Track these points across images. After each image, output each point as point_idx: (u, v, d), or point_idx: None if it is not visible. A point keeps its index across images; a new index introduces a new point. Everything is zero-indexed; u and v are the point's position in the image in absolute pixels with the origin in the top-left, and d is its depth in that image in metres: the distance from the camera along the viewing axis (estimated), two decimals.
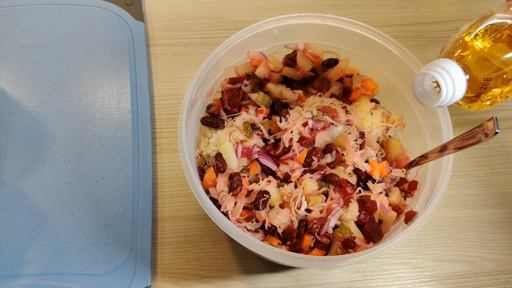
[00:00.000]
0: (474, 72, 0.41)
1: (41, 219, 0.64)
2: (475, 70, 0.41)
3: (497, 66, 0.41)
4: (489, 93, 0.43)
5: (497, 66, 0.41)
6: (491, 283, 0.64)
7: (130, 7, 0.82)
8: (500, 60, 0.41)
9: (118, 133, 0.71)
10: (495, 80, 0.42)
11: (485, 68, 0.41)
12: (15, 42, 0.77)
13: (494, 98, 0.43)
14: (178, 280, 0.63)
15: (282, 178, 0.58)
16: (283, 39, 0.64)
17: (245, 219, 0.56)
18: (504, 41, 0.41)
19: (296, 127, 0.58)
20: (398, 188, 0.60)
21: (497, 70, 0.41)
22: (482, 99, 0.43)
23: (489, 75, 0.41)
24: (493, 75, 0.41)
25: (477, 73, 0.41)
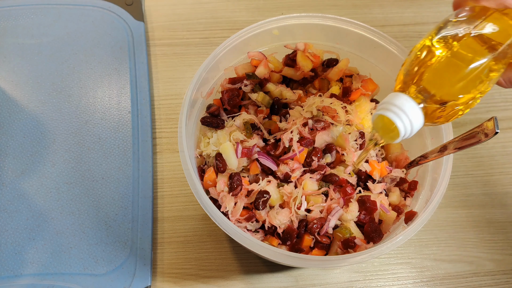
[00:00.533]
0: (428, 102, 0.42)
1: (41, 219, 0.64)
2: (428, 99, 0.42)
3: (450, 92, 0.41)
4: (451, 112, 0.43)
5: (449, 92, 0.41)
6: (491, 283, 0.64)
7: (130, 7, 0.82)
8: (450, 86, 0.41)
9: (118, 133, 0.71)
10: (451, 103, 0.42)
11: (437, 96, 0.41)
12: (15, 42, 0.77)
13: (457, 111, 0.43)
14: (178, 280, 0.63)
15: (282, 178, 0.58)
16: (283, 39, 0.64)
17: (245, 219, 0.56)
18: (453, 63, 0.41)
19: (296, 127, 0.58)
20: (398, 188, 0.60)
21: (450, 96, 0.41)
22: (446, 117, 0.43)
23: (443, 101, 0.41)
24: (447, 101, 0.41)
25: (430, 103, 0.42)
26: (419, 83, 0.41)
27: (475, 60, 0.41)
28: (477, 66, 0.40)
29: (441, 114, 0.42)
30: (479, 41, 0.41)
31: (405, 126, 0.41)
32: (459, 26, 0.42)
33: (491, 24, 0.42)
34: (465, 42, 0.41)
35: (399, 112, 0.41)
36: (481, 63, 0.40)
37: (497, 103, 0.78)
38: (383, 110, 0.42)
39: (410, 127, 0.42)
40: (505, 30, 0.42)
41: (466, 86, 0.41)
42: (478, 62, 0.40)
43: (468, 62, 0.41)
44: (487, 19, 0.42)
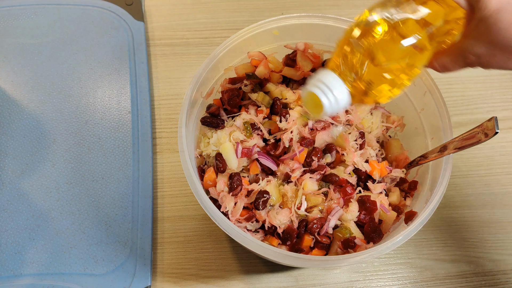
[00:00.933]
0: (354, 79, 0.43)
1: (41, 219, 0.64)
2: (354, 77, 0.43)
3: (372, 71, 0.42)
4: (378, 92, 0.44)
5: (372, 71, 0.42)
6: (491, 283, 0.64)
7: (130, 7, 0.82)
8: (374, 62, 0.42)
9: (118, 133, 0.71)
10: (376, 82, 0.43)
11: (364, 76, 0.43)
12: (15, 42, 0.77)
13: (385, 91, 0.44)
14: (178, 280, 0.63)
15: (282, 178, 0.58)
16: (283, 39, 0.64)
17: (245, 219, 0.56)
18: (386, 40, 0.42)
19: (296, 127, 0.58)
20: (398, 188, 0.60)
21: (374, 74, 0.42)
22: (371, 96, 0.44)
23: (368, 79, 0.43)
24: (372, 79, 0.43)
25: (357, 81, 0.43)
26: (348, 61, 0.43)
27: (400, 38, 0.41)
28: (402, 45, 0.41)
29: (368, 93, 0.44)
30: (409, 22, 0.42)
31: (330, 103, 0.43)
32: (393, 6, 0.43)
33: (424, 7, 0.43)
34: (395, 23, 0.42)
35: (326, 89, 0.43)
36: (406, 42, 0.41)
37: (497, 103, 0.78)
38: (311, 86, 0.44)
39: (335, 104, 0.43)
40: (434, 14, 0.43)
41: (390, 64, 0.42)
42: (403, 41, 0.41)
43: (394, 41, 0.41)
44: (419, 2, 0.43)
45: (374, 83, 0.43)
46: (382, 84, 0.43)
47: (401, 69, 0.42)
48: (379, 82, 0.43)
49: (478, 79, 0.80)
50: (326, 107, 0.43)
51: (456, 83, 0.80)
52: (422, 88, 0.59)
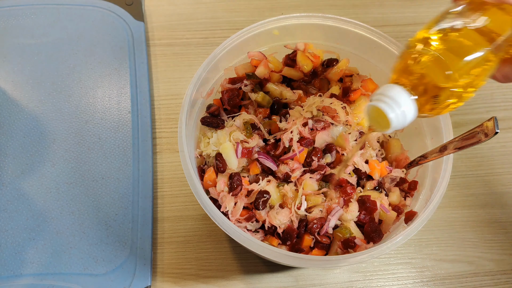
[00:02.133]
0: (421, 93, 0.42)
1: (41, 219, 0.64)
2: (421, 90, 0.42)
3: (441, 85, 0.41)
4: (443, 105, 0.43)
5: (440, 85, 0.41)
6: (491, 283, 0.64)
7: (130, 7, 0.82)
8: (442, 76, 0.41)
9: (118, 133, 0.71)
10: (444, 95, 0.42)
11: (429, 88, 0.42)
12: (15, 42, 0.77)
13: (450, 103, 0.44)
14: (178, 280, 0.63)
15: (282, 178, 0.58)
16: (283, 39, 0.64)
17: (245, 219, 0.56)
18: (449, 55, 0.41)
19: (296, 127, 0.58)
20: (398, 188, 0.60)
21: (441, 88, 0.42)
22: (438, 109, 0.44)
23: (435, 92, 0.42)
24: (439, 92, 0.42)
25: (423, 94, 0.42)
26: (414, 75, 0.42)
27: (470, 51, 0.41)
28: (471, 57, 0.41)
29: (434, 106, 0.43)
30: (475, 34, 0.42)
31: (397, 117, 0.42)
32: (457, 19, 0.42)
33: (488, 18, 0.42)
34: (461, 35, 0.41)
35: (392, 104, 0.42)
36: (475, 55, 0.41)
37: (497, 103, 0.78)
38: (376, 101, 0.43)
39: (402, 118, 0.42)
40: (501, 24, 0.42)
41: (459, 78, 0.41)
42: (473, 54, 0.41)
43: (464, 53, 0.41)
44: (484, 13, 0.42)
45: (441, 97, 0.42)
46: (448, 97, 0.42)
47: (467, 82, 0.41)
48: (445, 96, 0.42)
49: None
50: (393, 122, 0.42)
51: None
52: None
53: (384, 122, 0.42)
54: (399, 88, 0.42)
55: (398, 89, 0.42)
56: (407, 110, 0.42)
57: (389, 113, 0.42)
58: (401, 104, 0.41)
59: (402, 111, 0.42)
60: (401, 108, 0.41)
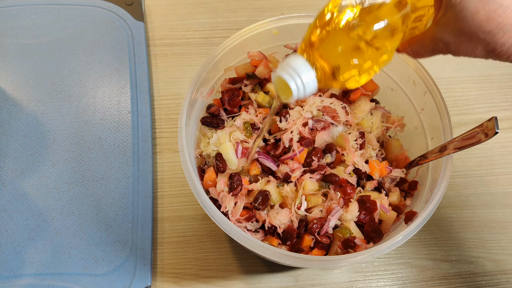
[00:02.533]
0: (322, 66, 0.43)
1: (41, 219, 0.64)
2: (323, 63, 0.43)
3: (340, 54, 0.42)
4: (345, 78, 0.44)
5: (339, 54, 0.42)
6: (491, 283, 0.64)
7: (130, 7, 0.82)
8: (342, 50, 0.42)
9: (118, 133, 0.71)
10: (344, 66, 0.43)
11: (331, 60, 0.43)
12: (15, 42, 0.77)
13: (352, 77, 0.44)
14: (178, 280, 0.63)
15: (282, 178, 0.58)
16: (283, 39, 0.64)
17: (245, 219, 0.56)
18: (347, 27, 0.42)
19: (296, 127, 0.58)
20: (398, 188, 0.60)
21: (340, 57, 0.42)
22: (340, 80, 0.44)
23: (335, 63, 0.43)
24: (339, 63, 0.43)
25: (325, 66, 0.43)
26: (317, 47, 0.43)
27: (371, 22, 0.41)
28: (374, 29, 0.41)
29: (336, 78, 0.43)
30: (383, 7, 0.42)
31: (298, 87, 0.43)
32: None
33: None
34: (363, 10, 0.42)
35: (293, 73, 0.43)
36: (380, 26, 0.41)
37: (497, 103, 0.78)
38: (280, 70, 0.44)
39: (303, 88, 0.43)
40: None
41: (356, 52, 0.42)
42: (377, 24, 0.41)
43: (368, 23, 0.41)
44: None
45: (342, 68, 0.42)
46: (349, 69, 0.43)
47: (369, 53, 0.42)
48: (346, 67, 0.42)
49: (478, 79, 0.80)
50: (294, 91, 0.44)
51: (456, 83, 0.80)
52: (422, 88, 0.59)
53: (287, 91, 0.44)
54: (301, 59, 0.43)
55: (300, 60, 0.43)
56: (307, 81, 0.43)
57: (290, 83, 0.43)
58: (301, 74, 0.43)
59: (302, 81, 0.43)
60: (302, 78, 0.43)
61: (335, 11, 0.42)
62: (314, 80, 0.43)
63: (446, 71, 0.81)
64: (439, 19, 0.42)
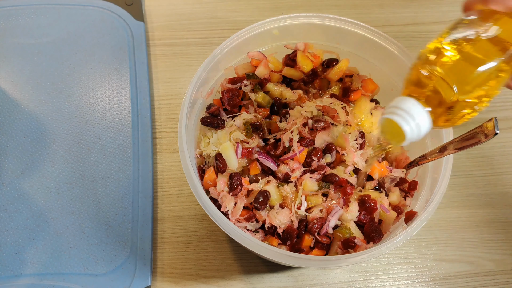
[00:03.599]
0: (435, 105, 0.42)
1: (41, 219, 0.64)
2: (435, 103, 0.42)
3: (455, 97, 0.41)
4: (458, 115, 0.43)
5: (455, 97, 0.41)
6: (491, 283, 0.64)
7: (130, 7, 0.82)
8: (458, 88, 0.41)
9: (118, 133, 0.71)
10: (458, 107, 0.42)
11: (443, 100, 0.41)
12: (15, 42, 0.77)
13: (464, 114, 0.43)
14: (178, 280, 0.63)
15: (282, 178, 0.58)
16: (283, 39, 0.64)
17: (245, 219, 0.56)
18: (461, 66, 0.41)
19: (296, 127, 0.58)
20: (398, 188, 0.60)
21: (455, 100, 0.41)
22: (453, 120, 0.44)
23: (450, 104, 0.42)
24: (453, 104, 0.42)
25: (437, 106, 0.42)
26: (427, 87, 0.41)
27: (483, 62, 0.41)
28: (485, 68, 0.41)
29: (448, 118, 0.42)
30: (488, 43, 0.41)
31: (412, 130, 0.42)
32: (469, 28, 0.42)
33: (500, 27, 0.42)
34: (475, 44, 0.41)
35: (406, 116, 0.41)
36: (489, 65, 0.41)
37: (497, 103, 0.78)
38: (390, 114, 0.42)
39: (417, 131, 0.42)
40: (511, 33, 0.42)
41: (473, 88, 0.41)
42: (486, 64, 0.41)
43: (477, 64, 0.41)
44: (496, 22, 0.42)
45: (455, 108, 0.41)
46: (462, 109, 0.42)
47: (480, 93, 0.41)
48: (459, 108, 0.41)
49: None
50: (408, 135, 0.42)
51: None
52: None
53: (399, 135, 0.42)
54: (413, 101, 0.41)
55: (412, 102, 0.41)
56: (421, 122, 0.41)
57: (404, 125, 0.41)
58: (415, 116, 0.41)
59: (416, 123, 0.41)
60: (415, 120, 0.41)
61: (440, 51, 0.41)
62: (428, 121, 0.42)
63: None
64: None
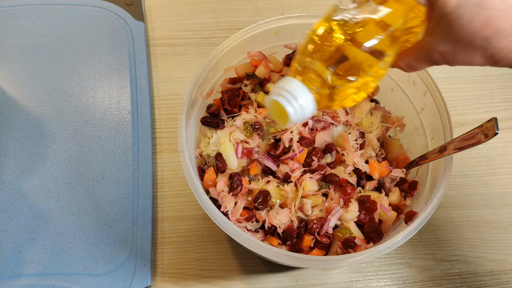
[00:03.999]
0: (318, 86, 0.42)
1: (41, 219, 0.64)
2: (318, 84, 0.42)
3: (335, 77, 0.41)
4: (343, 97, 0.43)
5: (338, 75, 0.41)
6: (491, 283, 0.64)
7: (130, 7, 0.82)
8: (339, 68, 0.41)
9: (118, 133, 0.71)
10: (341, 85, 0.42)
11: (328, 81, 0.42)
12: (15, 42, 0.77)
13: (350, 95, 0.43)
14: (178, 280, 0.63)
15: (282, 178, 0.58)
16: (283, 39, 0.64)
17: (245, 219, 0.56)
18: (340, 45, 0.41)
19: (296, 127, 0.58)
20: (398, 188, 0.60)
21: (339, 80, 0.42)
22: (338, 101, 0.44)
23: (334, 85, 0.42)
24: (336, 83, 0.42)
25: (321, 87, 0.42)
26: (309, 68, 0.42)
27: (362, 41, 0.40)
28: (366, 49, 0.40)
29: (334, 98, 0.42)
30: (369, 24, 0.41)
31: (295, 111, 0.42)
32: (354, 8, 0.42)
33: (383, 7, 0.42)
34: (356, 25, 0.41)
35: (290, 98, 0.42)
36: (369, 44, 0.41)
37: (497, 103, 0.78)
38: (276, 95, 0.43)
39: (301, 112, 0.42)
40: (396, 14, 0.42)
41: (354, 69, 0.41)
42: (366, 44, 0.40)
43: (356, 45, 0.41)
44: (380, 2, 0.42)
45: (339, 88, 0.41)
46: (347, 88, 0.42)
47: (365, 72, 0.41)
48: (343, 87, 0.42)
49: (478, 79, 0.80)
50: (291, 116, 0.42)
51: (456, 83, 0.80)
52: (422, 88, 0.59)
53: (284, 116, 0.42)
54: (297, 82, 0.42)
55: (296, 83, 0.42)
56: (305, 104, 0.42)
57: (287, 107, 0.42)
58: (298, 98, 0.41)
59: (300, 105, 0.42)
60: (298, 101, 0.41)
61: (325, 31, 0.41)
62: (312, 102, 0.42)
63: (446, 71, 0.80)
64: (432, 29, 0.41)
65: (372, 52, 0.41)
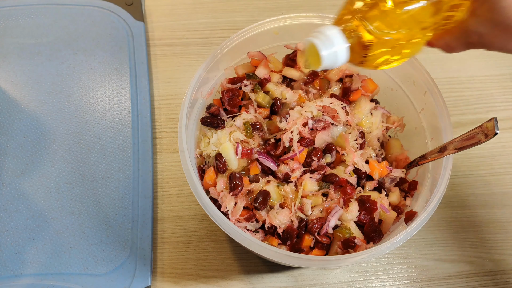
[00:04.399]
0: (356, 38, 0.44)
1: (41, 219, 0.64)
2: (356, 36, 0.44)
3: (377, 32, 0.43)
4: (376, 56, 0.45)
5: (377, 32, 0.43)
6: (491, 283, 0.64)
7: (130, 7, 0.82)
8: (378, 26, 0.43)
9: (118, 133, 0.71)
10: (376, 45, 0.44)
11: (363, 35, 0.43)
12: (15, 42, 0.77)
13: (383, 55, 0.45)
14: (178, 280, 0.63)
15: (282, 178, 0.58)
16: (283, 39, 0.64)
17: (245, 219, 0.56)
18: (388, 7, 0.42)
19: (296, 127, 0.58)
20: (398, 188, 0.60)
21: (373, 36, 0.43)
22: (370, 60, 0.45)
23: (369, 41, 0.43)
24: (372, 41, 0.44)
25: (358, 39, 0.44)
26: (353, 20, 0.43)
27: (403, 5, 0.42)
28: (408, 10, 0.42)
29: (366, 54, 0.44)
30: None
31: (329, 55, 0.44)
32: None
33: None
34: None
35: (327, 42, 0.43)
36: (413, 8, 0.42)
37: (497, 103, 0.78)
38: (313, 37, 0.45)
39: (333, 58, 0.44)
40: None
41: (393, 26, 0.42)
42: (411, 6, 0.42)
43: (402, 4, 0.42)
44: None
45: (374, 45, 0.43)
46: (382, 48, 0.43)
47: (398, 36, 0.43)
48: (379, 45, 0.43)
49: (478, 79, 0.80)
50: (324, 59, 0.44)
51: (456, 83, 0.80)
52: (422, 88, 0.59)
53: (317, 58, 0.44)
54: (337, 29, 0.44)
55: (335, 30, 0.43)
56: (339, 51, 0.43)
57: (322, 50, 0.44)
58: (334, 44, 0.43)
59: (334, 51, 0.43)
60: (333, 47, 0.43)
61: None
62: (346, 51, 0.44)
63: (446, 71, 0.81)
64: (475, 10, 0.41)
65: (413, 15, 0.42)
